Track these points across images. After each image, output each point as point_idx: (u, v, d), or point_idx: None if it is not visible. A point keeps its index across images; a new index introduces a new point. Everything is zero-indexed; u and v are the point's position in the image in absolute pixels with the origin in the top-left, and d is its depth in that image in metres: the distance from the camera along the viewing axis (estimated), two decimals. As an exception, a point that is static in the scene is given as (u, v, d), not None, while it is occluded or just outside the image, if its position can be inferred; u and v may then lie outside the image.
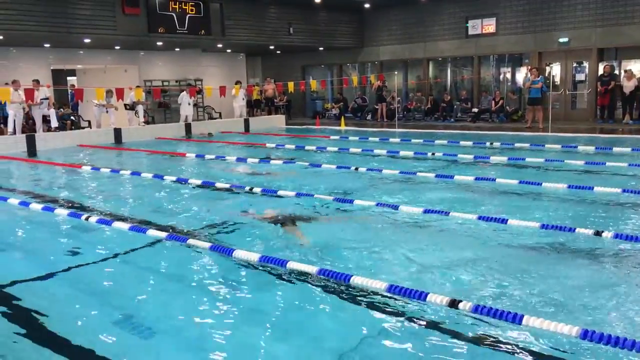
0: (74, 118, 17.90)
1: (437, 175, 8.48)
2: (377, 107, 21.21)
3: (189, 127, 17.53)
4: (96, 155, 12.97)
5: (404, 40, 21.64)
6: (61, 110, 17.39)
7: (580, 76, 18.13)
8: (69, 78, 22.34)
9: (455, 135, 14.78)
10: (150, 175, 9.31)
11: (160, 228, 5.78)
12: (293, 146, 13.29)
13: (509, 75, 20.23)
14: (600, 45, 17.43)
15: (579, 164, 9.26)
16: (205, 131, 17.50)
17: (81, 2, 15.22)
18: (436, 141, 13.16)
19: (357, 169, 9.37)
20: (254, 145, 14.14)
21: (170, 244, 5.31)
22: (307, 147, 12.98)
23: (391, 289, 3.87)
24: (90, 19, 15.40)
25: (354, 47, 22.78)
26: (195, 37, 17.85)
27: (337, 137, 15.66)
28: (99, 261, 4.97)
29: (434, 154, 10.92)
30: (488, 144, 12.28)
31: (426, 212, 6.11)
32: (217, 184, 8.32)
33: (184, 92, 18.21)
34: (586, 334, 3.12)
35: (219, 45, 20.42)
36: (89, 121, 18.11)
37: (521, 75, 19.00)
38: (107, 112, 16.56)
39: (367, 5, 21.07)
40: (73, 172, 10.42)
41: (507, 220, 5.57)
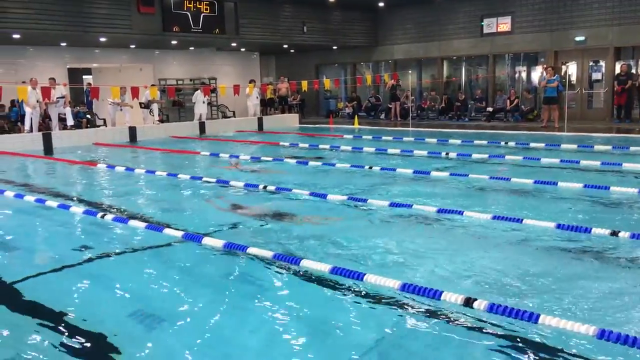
0: (89, 116, 18.06)
1: (451, 174, 8.44)
2: (390, 106, 21.14)
3: (203, 125, 17.61)
4: (111, 153, 13.07)
5: (418, 39, 21.56)
6: (77, 109, 17.56)
7: (596, 75, 17.94)
8: (84, 77, 22.56)
9: (469, 134, 14.69)
10: (165, 174, 9.38)
11: (174, 227, 5.80)
12: (306, 145, 13.29)
13: (524, 74, 20.08)
14: (617, 44, 17.24)
15: (595, 164, 9.16)
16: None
17: (97, 2, 15.39)
18: (450, 140, 13.09)
19: (370, 167, 9.36)
20: (268, 144, 14.17)
21: (183, 245, 5.33)
22: (320, 146, 12.97)
23: (405, 287, 3.85)
24: (106, 18, 15.56)
25: (368, 46, 22.74)
26: (209, 36, 17.95)
27: (351, 136, 15.63)
28: (114, 255, 5.01)
29: (447, 154, 10.86)
30: (503, 143, 12.19)
31: (439, 212, 6.09)
32: (231, 182, 8.36)
33: (199, 91, 18.30)
34: (603, 334, 3.09)
35: (233, 44, 20.50)
36: (104, 119, 18.27)
37: (537, 74, 18.85)
38: (122, 111, 16.71)
39: (381, 4, 21.02)
40: (88, 170, 10.50)
41: (522, 219, 5.54)
